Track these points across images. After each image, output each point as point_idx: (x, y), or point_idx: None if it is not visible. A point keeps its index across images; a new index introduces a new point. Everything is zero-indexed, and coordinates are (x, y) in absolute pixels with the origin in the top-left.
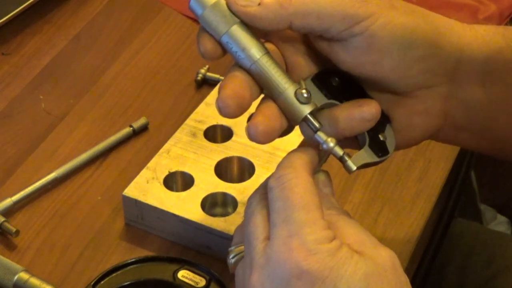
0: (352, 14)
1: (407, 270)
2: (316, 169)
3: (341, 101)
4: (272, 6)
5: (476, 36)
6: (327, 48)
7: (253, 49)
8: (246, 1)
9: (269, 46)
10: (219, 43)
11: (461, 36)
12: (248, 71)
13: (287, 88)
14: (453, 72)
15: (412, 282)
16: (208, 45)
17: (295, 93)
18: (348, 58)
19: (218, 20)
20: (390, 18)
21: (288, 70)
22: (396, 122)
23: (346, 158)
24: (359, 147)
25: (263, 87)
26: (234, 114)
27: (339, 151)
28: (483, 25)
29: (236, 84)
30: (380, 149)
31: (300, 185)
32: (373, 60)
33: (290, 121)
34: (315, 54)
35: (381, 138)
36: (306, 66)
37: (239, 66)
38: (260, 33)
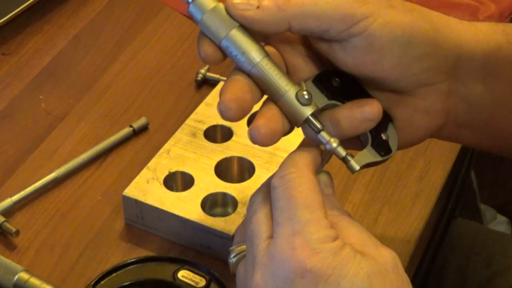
0: (351, 14)
1: (407, 270)
2: (318, 169)
3: (342, 102)
4: (270, 9)
5: (476, 33)
6: (327, 49)
7: (253, 53)
8: (245, 5)
9: (269, 49)
10: (219, 48)
11: (460, 33)
12: (248, 75)
13: (288, 90)
14: (453, 70)
15: (412, 282)
16: (208, 50)
17: (296, 95)
18: (348, 59)
19: (217, 24)
20: (389, 17)
21: (288, 72)
22: (398, 121)
23: (349, 158)
24: (362, 147)
25: (264, 90)
26: (236, 117)
27: (342, 152)
28: (483, 22)
29: (237, 87)
30: (383, 148)
31: (303, 184)
32: (373, 60)
33: (292, 123)
34: (315, 55)
35: (384, 137)
36: (306, 68)
37: (239, 69)
38: (260, 36)
